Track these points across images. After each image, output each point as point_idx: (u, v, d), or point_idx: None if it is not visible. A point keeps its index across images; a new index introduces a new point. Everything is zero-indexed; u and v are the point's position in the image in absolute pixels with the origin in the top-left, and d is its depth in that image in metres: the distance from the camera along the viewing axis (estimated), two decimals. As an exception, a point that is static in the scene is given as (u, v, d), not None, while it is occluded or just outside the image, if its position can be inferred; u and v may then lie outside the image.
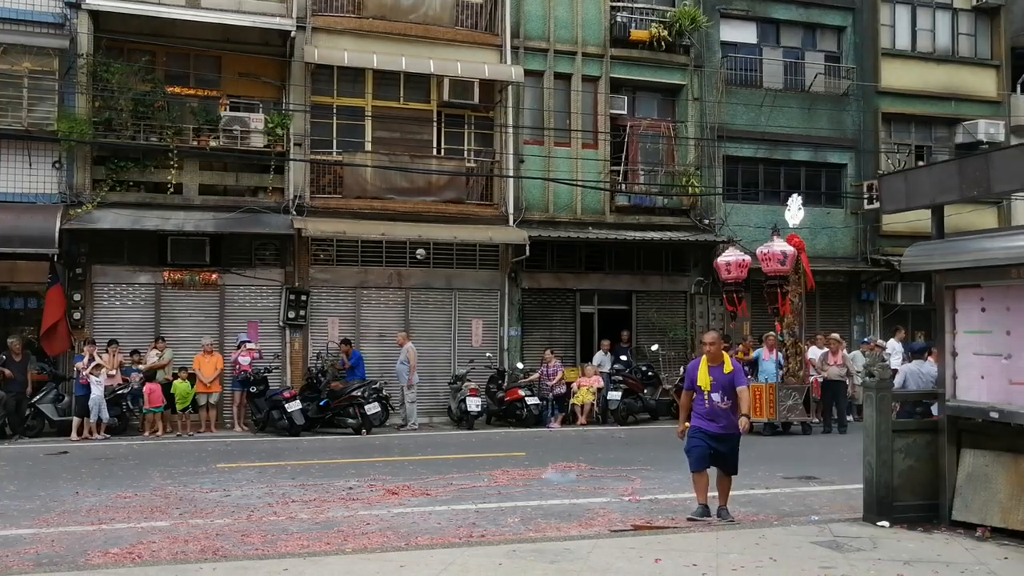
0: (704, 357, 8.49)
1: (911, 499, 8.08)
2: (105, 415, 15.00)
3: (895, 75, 22.08)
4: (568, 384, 17.76)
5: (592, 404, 17.43)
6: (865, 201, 21.12)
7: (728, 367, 8.39)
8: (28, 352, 15.65)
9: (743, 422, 8.29)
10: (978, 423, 7.80)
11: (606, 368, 18.08)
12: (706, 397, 8.33)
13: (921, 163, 20.86)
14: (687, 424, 8.62)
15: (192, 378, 15.98)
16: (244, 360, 16.23)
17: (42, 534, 7.93)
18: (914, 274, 17.89)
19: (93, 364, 14.92)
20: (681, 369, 18.69)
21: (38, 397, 15.23)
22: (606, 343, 18.67)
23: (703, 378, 8.38)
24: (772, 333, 16.60)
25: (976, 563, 6.73)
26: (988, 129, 21.75)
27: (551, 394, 17.38)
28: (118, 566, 6.77)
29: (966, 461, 7.93)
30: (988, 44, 23.18)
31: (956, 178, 7.94)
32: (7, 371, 15.05)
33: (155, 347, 16.29)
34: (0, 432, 14.86)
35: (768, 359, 16.39)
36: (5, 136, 15.87)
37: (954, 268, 7.93)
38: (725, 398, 8.31)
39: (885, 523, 7.93)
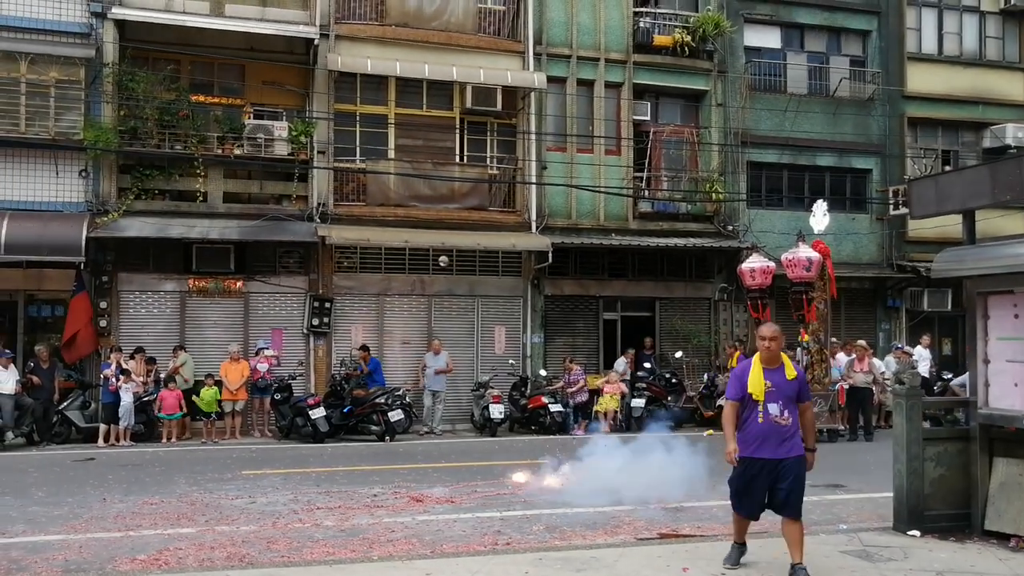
0: (756, 357, 6.56)
1: (942, 508, 7.96)
2: (132, 422, 15.13)
3: (921, 79, 21.87)
4: (592, 391, 17.70)
5: (616, 411, 17.35)
6: (891, 207, 20.93)
7: (791, 372, 6.48)
8: (55, 359, 15.80)
9: (811, 459, 6.58)
10: (1011, 431, 7.67)
11: (627, 376, 18.01)
12: (760, 409, 6.39)
13: (948, 168, 20.64)
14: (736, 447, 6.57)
15: (219, 385, 16.06)
16: (262, 367, 16.32)
17: (70, 540, 7.98)
18: (941, 280, 17.73)
19: (123, 371, 15.05)
20: (705, 376, 18.63)
21: (65, 404, 15.38)
22: (630, 353, 18.56)
23: (756, 383, 6.42)
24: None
25: (1011, 574, 6.62)
26: (1016, 133, 21.44)
27: (573, 402, 17.34)
28: (145, 573, 6.79)
29: (999, 470, 7.80)
30: (1016, 47, 22.90)
31: (988, 182, 7.83)
32: (35, 378, 15.21)
33: (174, 355, 16.42)
34: (28, 439, 15.01)
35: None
36: (32, 145, 16.07)
37: (986, 274, 7.81)
38: (786, 412, 6.40)
39: (916, 532, 7.81)
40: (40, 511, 9.33)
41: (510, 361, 18.29)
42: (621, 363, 18.30)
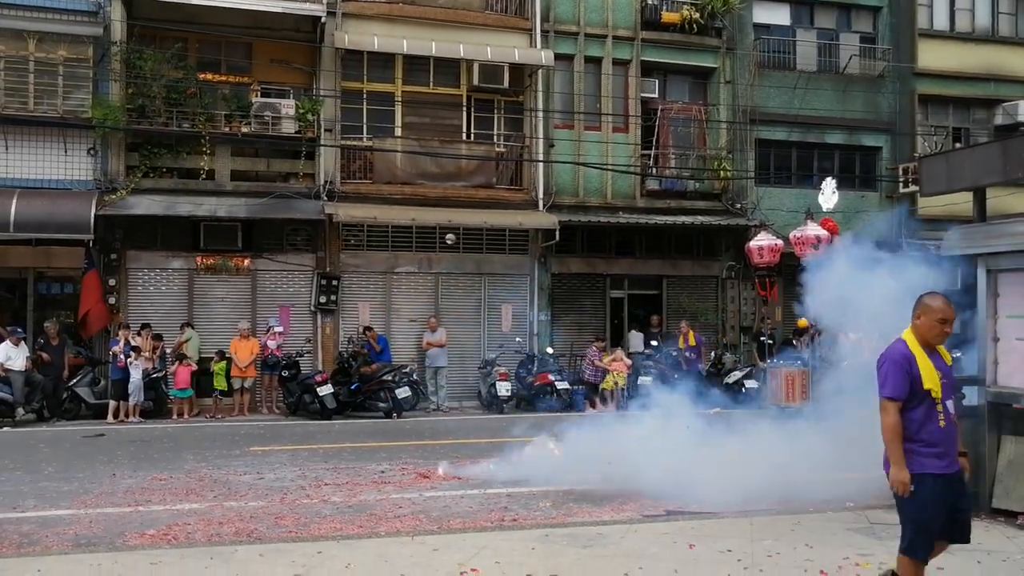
0: (910, 337, 4.87)
1: (949, 486, 7.94)
2: (141, 398, 15.22)
3: (932, 56, 21.64)
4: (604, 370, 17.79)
5: (622, 389, 17.37)
6: (900, 184, 20.81)
7: (948, 356, 4.98)
8: (65, 336, 15.90)
9: (967, 464, 4.99)
10: (1019, 409, 7.65)
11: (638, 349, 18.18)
12: (939, 409, 4.73)
13: (959, 145, 20.47)
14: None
15: (228, 362, 16.13)
16: (271, 344, 16.39)
17: (80, 515, 8.05)
18: (950, 258, 17.61)
19: (131, 348, 15.13)
20: (712, 354, 18.57)
21: (75, 381, 15.47)
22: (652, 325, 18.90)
23: (931, 374, 4.74)
24: None
25: (1019, 552, 6.62)
26: (1028, 110, 21.24)
27: (598, 381, 17.51)
28: (154, 547, 6.84)
29: (1007, 448, 7.79)
30: (1029, 24, 22.67)
31: (1000, 160, 7.77)
32: (44, 355, 15.31)
33: (181, 332, 16.48)
34: (38, 415, 15.13)
35: None
36: (41, 123, 16.07)
37: (997, 252, 7.76)
38: (954, 409, 4.86)
39: (923, 510, 7.80)
40: (51, 486, 9.40)
41: (517, 339, 18.31)
42: (637, 339, 18.41)
